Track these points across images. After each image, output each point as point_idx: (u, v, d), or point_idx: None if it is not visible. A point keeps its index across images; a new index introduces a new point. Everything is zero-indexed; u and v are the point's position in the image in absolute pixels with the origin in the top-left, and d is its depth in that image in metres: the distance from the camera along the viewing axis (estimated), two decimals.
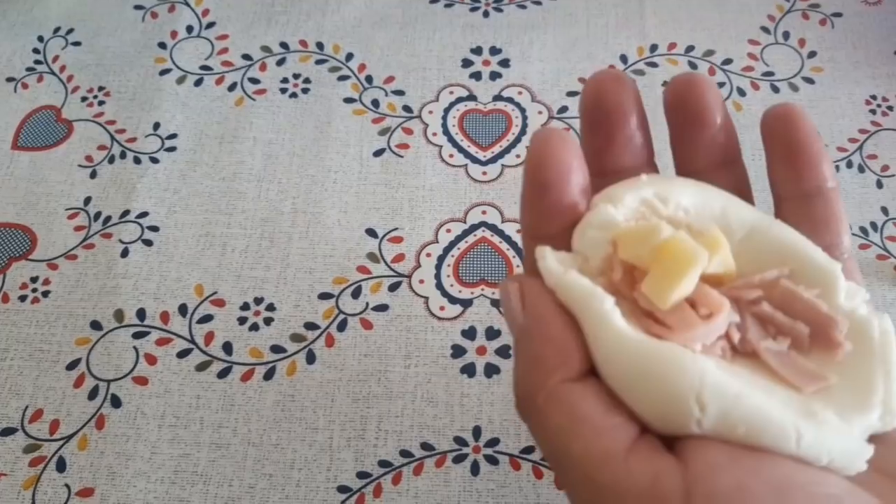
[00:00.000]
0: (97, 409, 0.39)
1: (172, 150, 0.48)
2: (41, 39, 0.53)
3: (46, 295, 0.42)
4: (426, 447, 0.38)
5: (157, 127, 0.49)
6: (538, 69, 0.50)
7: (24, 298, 0.42)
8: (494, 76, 0.50)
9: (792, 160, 0.22)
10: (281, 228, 0.44)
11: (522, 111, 0.49)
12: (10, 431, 0.38)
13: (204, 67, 0.51)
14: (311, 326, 0.41)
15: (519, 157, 0.47)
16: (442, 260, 0.43)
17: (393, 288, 0.42)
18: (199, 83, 0.51)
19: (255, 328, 0.41)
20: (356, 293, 0.42)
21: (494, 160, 0.47)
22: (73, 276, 0.43)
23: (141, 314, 0.42)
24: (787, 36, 0.52)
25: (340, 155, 0.47)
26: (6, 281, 0.43)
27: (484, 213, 0.45)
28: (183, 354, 0.40)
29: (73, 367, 0.40)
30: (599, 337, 0.19)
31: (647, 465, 0.18)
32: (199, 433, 0.38)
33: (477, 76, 0.50)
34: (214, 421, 0.38)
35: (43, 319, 0.42)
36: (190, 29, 0.53)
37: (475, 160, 0.47)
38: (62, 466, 0.37)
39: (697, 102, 0.22)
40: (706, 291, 0.20)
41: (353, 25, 0.53)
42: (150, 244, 0.44)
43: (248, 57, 0.52)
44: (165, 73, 0.51)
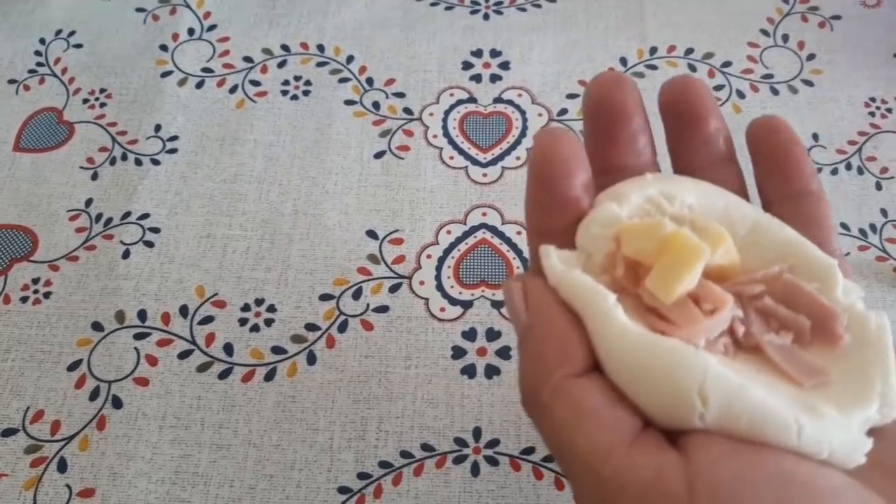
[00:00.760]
0: (98, 409, 0.39)
1: (173, 151, 0.48)
2: (43, 41, 0.53)
3: (48, 296, 0.43)
4: (426, 448, 0.38)
5: (158, 129, 0.49)
6: (538, 71, 0.51)
7: (25, 300, 0.42)
8: (495, 78, 0.50)
9: (778, 165, 0.22)
10: (282, 230, 0.45)
11: (522, 113, 0.49)
12: (11, 432, 0.39)
13: (205, 69, 0.51)
14: (311, 327, 0.41)
15: (519, 159, 0.47)
16: (442, 261, 0.43)
17: (393, 289, 0.42)
18: (200, 85, 0.51)
19: (255, 329, 0.41)
20: (357, 294, 0.42)
21: (495, 162, 0.47)
22: (74, 277, 0.43)
23: (142, 315, 0.42)
24: (786, 38, 0.52)
25: (341, 157, 0.47)
26: (8, 282, 0.43)
27: (484, 214, 0.45)
28: (184, 355, 0.41)
29: (74, 367, 0.40)
30: (602, 333, 0.19)
31: (650, 458, 0.18)
32: (199, 434, 0.38)
33: (477, 78, 0.51)
34: (215, 422, 0.39)
35: (44, 320, 0.42)
36: (191, 31, 0.53)
37: (475, 162, 0.47)
38: (63, 467, 0.37)
39: (692, 103, 0.22)
40: (709, 287, 0.20)
41: (354, 28, 0.53)
42: (151, 245, 0.44)
43: (249, 59, 0.52)
44: (167, 75, 0.51)
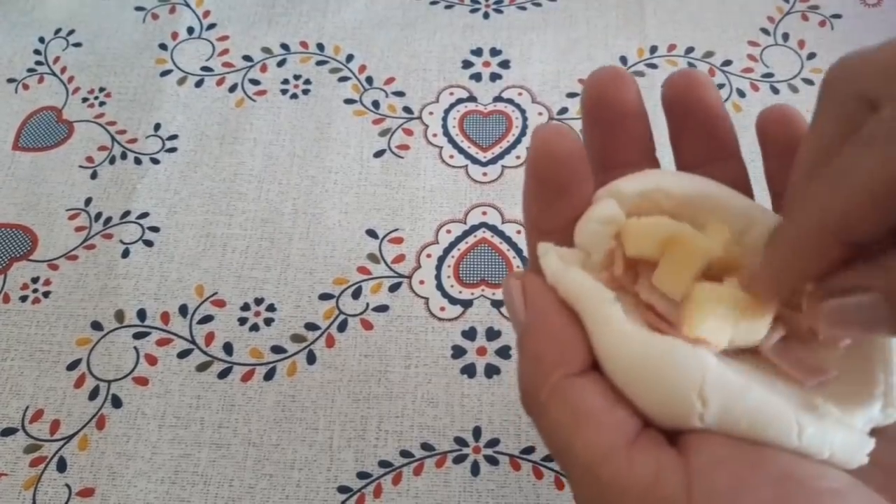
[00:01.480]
0: (98, 409, 0.39)
1: (173, 150, 0.48)
2: (42, 40, 0.53)
3: (47, 295, 0.43)
4: (426, 447, 0.38)
5: (157, 128, 0.49)
6: (538, 70, 0.51)
7: (24, 299, 0.42)
8: (495, 77, 0.50)
9: (787, 156, 0.22)
10: (281, 229, 0.44)
11: (522, 112, 0.49)
12: (10, 431, 0.38)
13: (205, 68, 0.51)
14: (311, 327, 0.41)
15: (519, 158, 0.47)
16: (442, 261, 0.43)
17: (393, 288, 0.42)
18: (199, 84, 0.51)
19: (255, 329, 0.41)
20: (356, 294, 0.42)
21: (495, 161, 0.47)
22: (73, 276, 0.43)
23: (141, 314, 0.42)
24: (786, 37, 0.52)
25: (341, 156, 0.47)
26: (7, 281, 0.43)
27: (484, 213, 0.45)
28: (183, 355, 0.40)
29: (73, 367, 0.40)
30: (601, 332, 0.19)
31: (649, 460, 0.18)
32: (199, 433, 0.38)
33: (477, 77, 0.50)
34: (215, 421, 0.39)
35: (43, 320, 0.42)
36: (191, 30, 0.53)
37: (475, 161, 0.47)
38: (63, 466, 0.37)
39: (696, 98, 0.22)
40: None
41: (353, 27, 0.53)
42: (150, 245, 0.44)
43: (248, 58, 0.52)
44: (166, 74, 0.51)
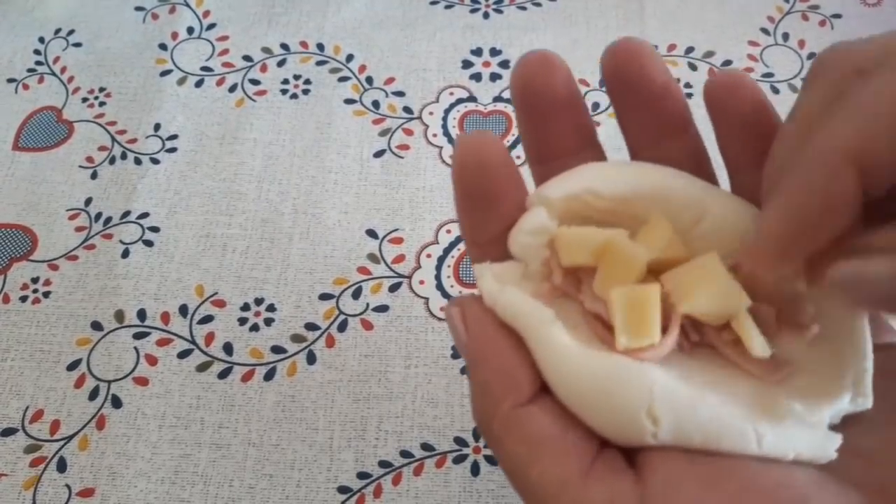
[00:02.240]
0: (98, 409, 0.39)
1: (173, 150, 0.48)
2: (42, 40, 0.53)
3: (47, 295, 0.43)
4: (426, 447, 0.38)
5: (157, 128, 0.49)
6: None
7: (24, 299, 0.42)
8: (494, 77, 0.50)
9: (740, 126, 0.21)
10: (281, 229, 0.44)
11: None
12: (10, 432, 0.38)
13: (204, 68, 0.51)
14: (311, 327, 0.41)
15: (519, 157, 0.47)
16: (442, 261, 0.43)
17: (393, 289, 0.42)
18: (199, 84, 0.51)
19: (255, 329, 0.41)
20: (356, 294, 0.42)
21: None
22: (73, 276, 0.43)
23: (141, 315, 0.42)
24: (786, 37, 0.52)
25: (341, 156, 0.47)
26: (7, 281, 0.43)
27: None
28: (183, 355, 0.40)
29: (73, 367, 0.40)
30: (545, 354, 0.19)
31: (604, 489, 0.18)
32: (199, 433, 0.38)
33: (477, 77, 0.50)
34: (215, 421, 0.39)
35: (43, 320, 0.42)
36: (191, 30, 0.53)
37: None
38: (63, 467, 0.37)
39: (637, 71, 0.21)
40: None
41: (353, 27, 0.53)
42: (150, 245, 0.44)
43: (248, 58, 0.52)
44: (166, 74, 0.51)
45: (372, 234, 0.44)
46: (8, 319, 0.42)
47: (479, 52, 0.52)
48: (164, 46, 0.52)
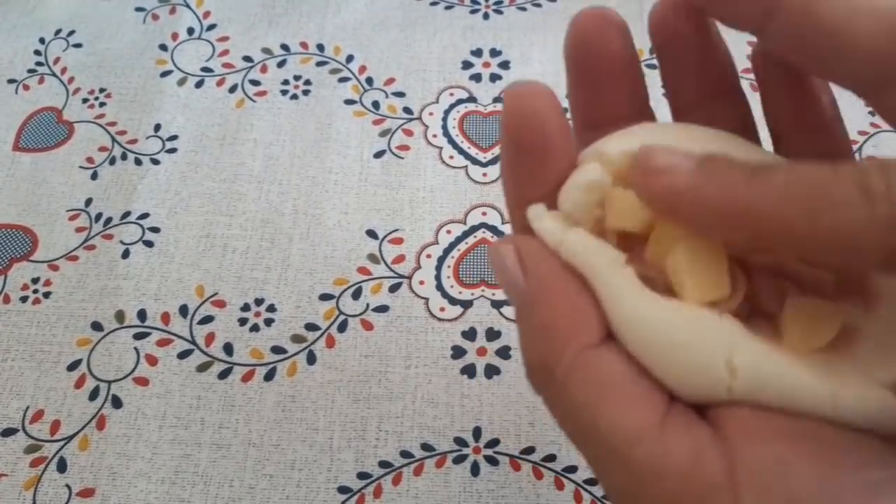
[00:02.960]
0: (98, 409, 0.39)
1: (173, 151, 0.48)
2: (42, 41, 0.53)
3: (47, 296, 0.43)
4: (426, 448, 0.38)
5: (157, 128, 0.49)
6: (538, 71, 0.51)
7: (25, 299, 0.42)
8: (495, 78, 0.50)
9: (789, 90, 0.20)
10: (281, 230, 0.45)
11: None
12: (10, 432, 0.38)
13: (205, 69, 0.51)
14: (311, 327, 0.41)
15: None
16: (442, 261, 0.43)
17: (393, 289, 0.42)
18: (199, 85, 0.51)
19: (255, 329, 0.41)
20: (357, 294, 0.42)
21: (495, 161, 0.47)
22: (74, 277, 0.43)
23: (142, 315, 0.42)
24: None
25: (341, 156, 0.47)
26: (7, 282, 0.43)
27: (484, 214, 0.45)
28: (184, 355, 0.40)
29: (73, 367, 0.40)
30: (616, 299, 0.18)
31: (684, 439, 0.16)
32: (199, 434, 0.38)
33: (477, 78, 0.51)
34: (215, 421, 0.39)
35: (44, 320, 0.42)
36: (191, 31, 0.53)
37: (475, 162, 0.47)
38: (63, 467, 0.37)
39: (685, 26, 0.20)
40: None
41: (353, 27, 0.53)
42: (150, 245, 0.44)
43: (248, 59, 0.52)
44: (166, 74, 0.51)
45: (372, 234, 0.44)
46: (8, 320, 0.42)
47: (479, 52, 0.52)
48: (164, 47, 0.52)
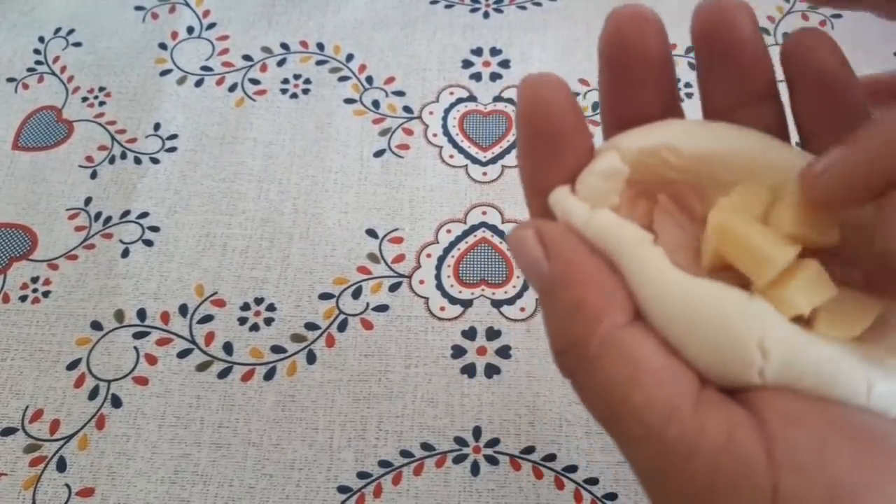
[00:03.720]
0: (97, 409, 0.39)
1: (173, 150, 0.48)
2: (42, 40, 0.53)
3: (47, 295, 0.42)
4: (426, 447, 0.38)
5: (157, 127, 0.49)
6: (538, 70, 0.50)
7: (24, 298, 0.42)
8: (495, 77, 0.50)
9: (821, 92, 0.20)
10: (281, 229, 0.44)
11: None
12: (10, 431, 0.38)
13: (204, 68, 0.51)
14: (311, 327, 0.41)
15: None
16: (442, 260, 0.43)
17: (393, 288, 0.42)
18: (199, 84, 0.51)
19: (255, 328, 0.41)
20: (356, 293, 0.42)
21: (495, 161, 0.47)
22: (73, 276, 0.43)
23: (141, 314, 0.42)
24: (786, 37, 0.52)
25: (341, 155, 0.47)
26: (7, 281, 0.43)
27: (484, 213, 0.45)
28: (183, 354, 0.40)
29: (73, 367, 0.40)
30: (646, 279, 0.17)
31: (719, 417, 0.16)
32: (199, 433, 0.38)
33: (477, 77, 0.50)
34: (215, 421, 0.39)
35: (43, 319, 0.42)
36: (190, 30, 0.53)
37: (475, 161, 0.47)
38: (62, 466, 0.37)
39: (728, 29, 0.20)
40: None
41: (353, 26, 0.53)
42: (150, 244, 0.44)
43: (248, 58, 0.52)
44: (166, 73, 0.51)
45: (372, 233, 0.44)
46: (8, 319, 0.42)
47: (479, 51, 0.52)
48: (163, 46, 0.52)
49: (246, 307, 0.42)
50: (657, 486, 0.17)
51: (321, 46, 0.52)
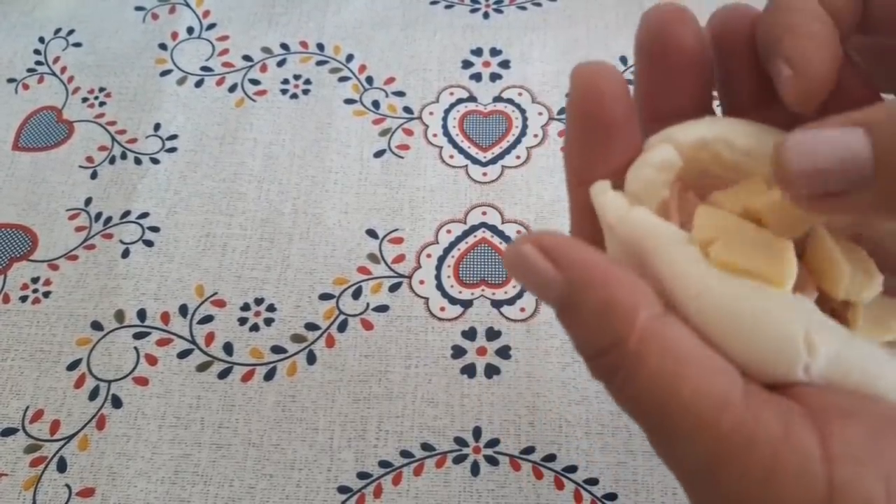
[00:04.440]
0: (98, 409, 0.39)
1: (173, 150, 0.48)
2: (42, 40, 0.53)
3: (47, 295, 0.43)
4: (426, 447, 0.38)
5: (157, 128, 0.49)
6: (538, 70, 0.51)
7: (24, 299, 0.42)
8: (494, 77, 0.50)
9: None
10: (281, 229, 0.44)
11: (522, 112, 0.49)
12: (10, 432, 0.38)
13: (204, 68, 0.51)
14: (311, 327, 0.41)
15: (519, 157, 0.47)
16: (442, 261, 0.43)
17: (393, 288, 0.42)
18: (199, 84, 0.51)
19: (255, 329, 0.41)
20: (357, 294, 0.42)
21: (495, 161, 0.47)
22: (73, 276, 0.43)
23: (141, 315, 0.42)
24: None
25: (341, 156, 0.47)
26: (7, 281, 0.43)
27: (484, 213, 0.45)
28: (183, 355, 0.40)
29: (73, 367, 0.40)
30: (684, 275, 0.17)
31: (773, 408, 0.16)
32: (199, 433, 0.38)
33: (477, 77, 0.50)
34: (215, 421, 0.39)
35: (44, 320, 0.42)
36: (190, 30, 0.53)
37: (475, 161, 0.47)
38: (63, 467, 0.37)
39: (745, 32, 0.20)
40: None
41: (353, 27, 0.53)
42: (150, 245, 0.44)
43: (248, 58, 0.52)
44: (166, 74, 0.51)
45: (372, 233, 0.44)
46: (8, 319, 0.42)
47: (479, 52, 0.52)
48: (164, 46, 0.52)
49: (246, 307, 0.42)
50: (706, 483, 0.16)
51: (321, 47, 0.52)
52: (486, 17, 0.54)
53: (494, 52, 0.52)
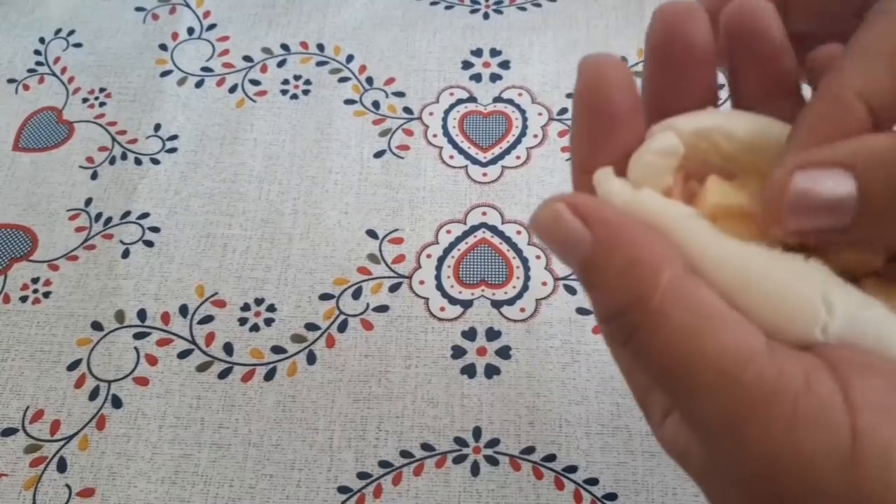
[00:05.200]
0: (98, 409, 0.39)
1: (173, 151, 0.48)
2: (42, 41, 0.53)
3: (47, 296, 0.43)
4: (426, 448, 0.38)
5: (157, 128, 0.49)
6: (538, 71, 0.51)
7: (25, 299, 0.42)
8: (494, 78, 0.50)
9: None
10: (282, 229, 0.45)
11: (522, 113, 0.49)
12: (10, 432, 0.38)
13: (205, 69, 0.51)
14: (311, 327, 0.41)
15: (519, 158, 0.47)
16: (442, 261, 0.43)
17: (393, 289, 0.42)
18: (199, 85, 0.51)
19: (255, 329, 0.41)
20: (357, 294, 0.42)
21: (495, 161, 0.47)
22: (74, 276, 0.43)
23: (142, 315, 0.42)
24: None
25: (341, 156, 0.47)
26: (7, 282, 0.43)
27: (484, 214, 0.45)
28: (184, 355, 0.40)
29: (73, 367, 0.40)
30: (701, 245, 0.17)
31: (795, 362, 0.16)
32: (199, 434, 0.38)
33: (477, 78, 0.50)
34: (215, 421, 0.39)
35: (44, 320, 0.42)
36: (191, 30, 0.53)
37: (475, 161, 0.47)
38: (63, 467, 0.37)
39: (756, 25, 0.20)
40: None
41: (353, 27, 0.53)
42: (150, 245, 0.44)
43: (248, 58, 0.52)
44: (166, 74, 0.51)
45: (372, 234, 0.44)
46: (8, 319, 0.42)
47: (479, 52, 0.52)
48: (164, 47, 0.52)
49: (246, 308, 0.42)
50: (729, 438, 0.16)
51: (321, 47, 0.52)
52: (486, 17, 0.54)
53: (494, 52, 0.52)
